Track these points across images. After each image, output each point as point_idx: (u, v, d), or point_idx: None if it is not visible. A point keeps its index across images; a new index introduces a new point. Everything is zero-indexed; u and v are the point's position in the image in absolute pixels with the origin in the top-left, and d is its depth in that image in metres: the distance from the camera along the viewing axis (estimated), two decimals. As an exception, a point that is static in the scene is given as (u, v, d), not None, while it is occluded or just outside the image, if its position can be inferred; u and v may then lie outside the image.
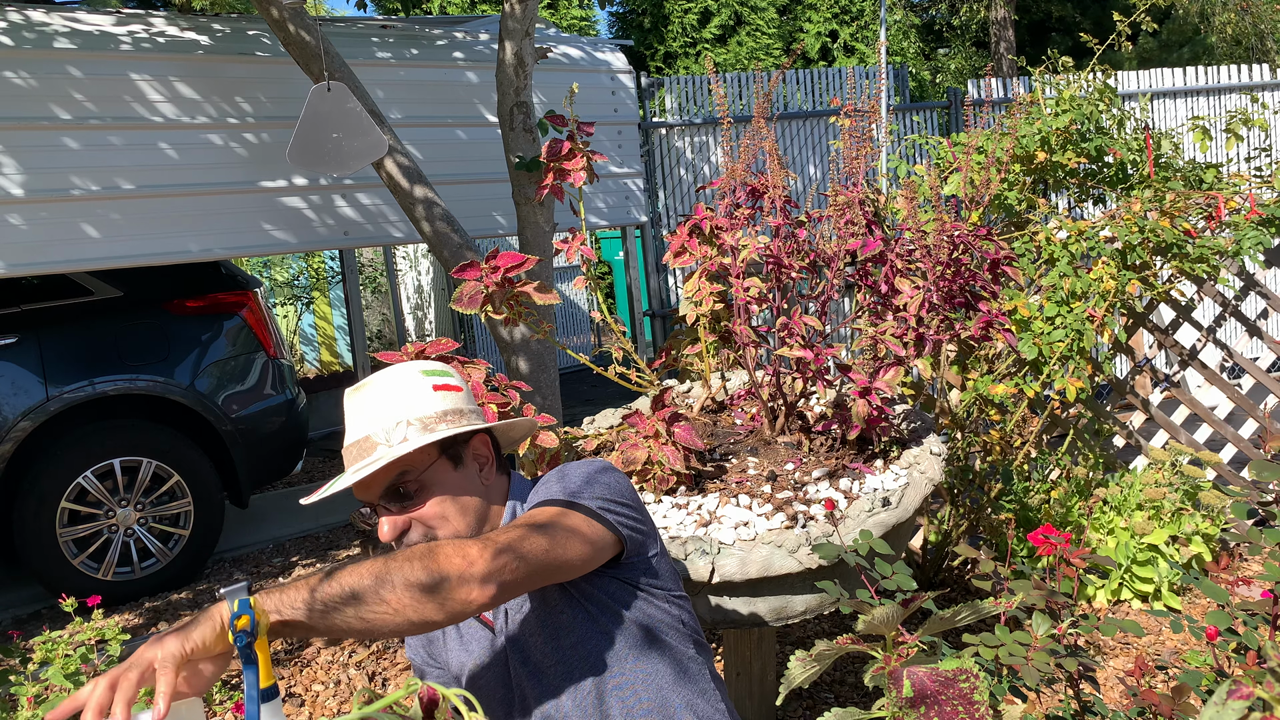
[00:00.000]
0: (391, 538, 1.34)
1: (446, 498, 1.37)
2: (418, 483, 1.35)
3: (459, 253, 3.17)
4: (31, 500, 3.85)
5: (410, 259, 9.60)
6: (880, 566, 1.55)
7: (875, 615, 0.93)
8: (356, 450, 1.34)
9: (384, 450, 1.32)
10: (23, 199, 3.43)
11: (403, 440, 1.33)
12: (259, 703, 1.00)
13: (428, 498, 1.35)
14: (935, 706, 0.83)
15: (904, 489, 1.98)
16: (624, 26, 12.25)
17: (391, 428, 1.34)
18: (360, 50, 4.12)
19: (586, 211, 3.86)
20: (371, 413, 1.36)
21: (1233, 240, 3.34)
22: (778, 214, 2.18)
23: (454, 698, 0.74)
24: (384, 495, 1.35)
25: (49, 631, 2.35)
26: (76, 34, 3.58)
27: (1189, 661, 1.89)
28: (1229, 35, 11.61)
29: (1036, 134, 3.75)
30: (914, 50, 13.69)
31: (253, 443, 4.34)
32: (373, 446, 1.33)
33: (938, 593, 1.39)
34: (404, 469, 1.34)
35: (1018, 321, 3.26)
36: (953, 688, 0.85)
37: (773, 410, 2.23)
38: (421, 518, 1.35)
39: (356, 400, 1.38)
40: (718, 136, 6.31)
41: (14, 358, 3.83)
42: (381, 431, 1.34)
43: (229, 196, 3.82)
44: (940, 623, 0.99)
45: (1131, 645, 3.01)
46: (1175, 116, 6.79)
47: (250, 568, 4.43)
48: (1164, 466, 3.37)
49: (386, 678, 3.21)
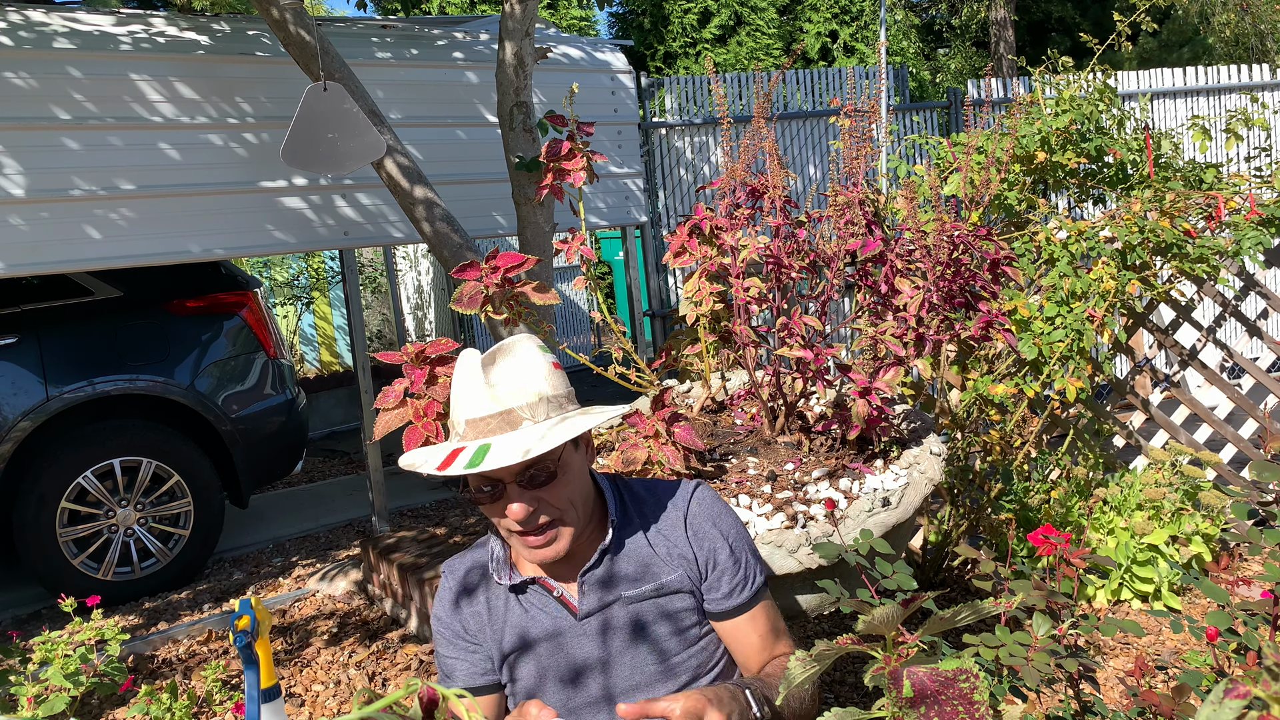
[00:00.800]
0: (522, 517, 1.33)
1: (574, 484, 1.38)
2: (556, 466, 1.35)
3: (459, 253, 3.16)
4: (31, 500, 3.85)
5: (410, 259, 9.60)
6: (881, 566, 1.55)
7: (875, 615, 0.93)
8: (497, 423, 1.32)
9: (531, 427, 1.31)
10: (23, 199, 3.43)
11: (547, 418, 1.33)
12: (259, 703, 1.00)
13: (560, 483, 1.36)
14: (935, 706, 0.83)
15: (904, 489, 1.98)
16: (624, 26, 12.24)
17: (535, 403, 1.33)
18: (360, 50, 4.12)
19: (586, 211, 3.86)
20: (512, 386, 1.34)
21: (1233, 240, 3.34)
22: (778, 214, 2.18)
23: (454, 698, 0.74)
24: (519, 474, 1.33)
25: (49, 631, 2.35)
26: (76, 34, 3.58)
27: (1189, 662, 1.88)
28: (1229, 35, 11.60)
29: (1036, 134, 3.75)
30: (914, 50, 13.68)
31: (253, 443, 4.34)
32: (518, 421, 1.32)
33: (938, 593, 1.39)
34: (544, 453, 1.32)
35: (1018, 321, 3.26)
36: (953, 688, 0.85)
37: (773, 410, 2.23)
38: (553, 502, 1.35)
39: (494, 372, 1.35)
40: (718, 136, 6.31)
41: (14, 358, 3.84)
42: (526, 408, 1.32)
43: (229, 196, 3.82)
44: (940, 623, 0.99)
45: (1131, 645, 3.01)
46: (1175, 116, 6.79)
47: (250, 568, 4.43)
48: (1164, 466, 3.37)
49: (386, 678, 3.21)
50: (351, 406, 7.68)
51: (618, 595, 1.44)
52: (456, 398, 1.37)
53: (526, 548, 1.38)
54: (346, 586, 4.00)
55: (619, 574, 1.45)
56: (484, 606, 1.49)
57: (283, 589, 4.12)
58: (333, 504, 5.41)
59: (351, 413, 7.67)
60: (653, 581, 1.45)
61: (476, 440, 1.32)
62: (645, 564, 1.46)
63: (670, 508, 1.50)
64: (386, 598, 3.75)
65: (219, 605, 3.96)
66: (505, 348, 1.39)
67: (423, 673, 3.20)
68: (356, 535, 4.75)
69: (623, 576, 1.45)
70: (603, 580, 1.45)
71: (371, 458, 4.50)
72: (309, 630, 3.65)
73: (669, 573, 1.46)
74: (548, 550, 1.37)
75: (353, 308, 4.51)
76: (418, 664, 3.27)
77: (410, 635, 3.52)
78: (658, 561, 1.46)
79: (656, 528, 1.48)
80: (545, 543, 1.37)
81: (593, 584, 1.44)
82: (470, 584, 1.50)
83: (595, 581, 1.44)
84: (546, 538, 1.36)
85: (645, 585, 1.45)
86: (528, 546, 1.38)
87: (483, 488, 1.35)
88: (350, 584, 4.00)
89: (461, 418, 1.35)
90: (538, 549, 1.37)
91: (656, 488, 1.54)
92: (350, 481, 5.92)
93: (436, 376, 1.85)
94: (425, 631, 3.47)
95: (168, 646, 3.60)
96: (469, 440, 1.33)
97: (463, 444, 1.33)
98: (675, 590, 1.45)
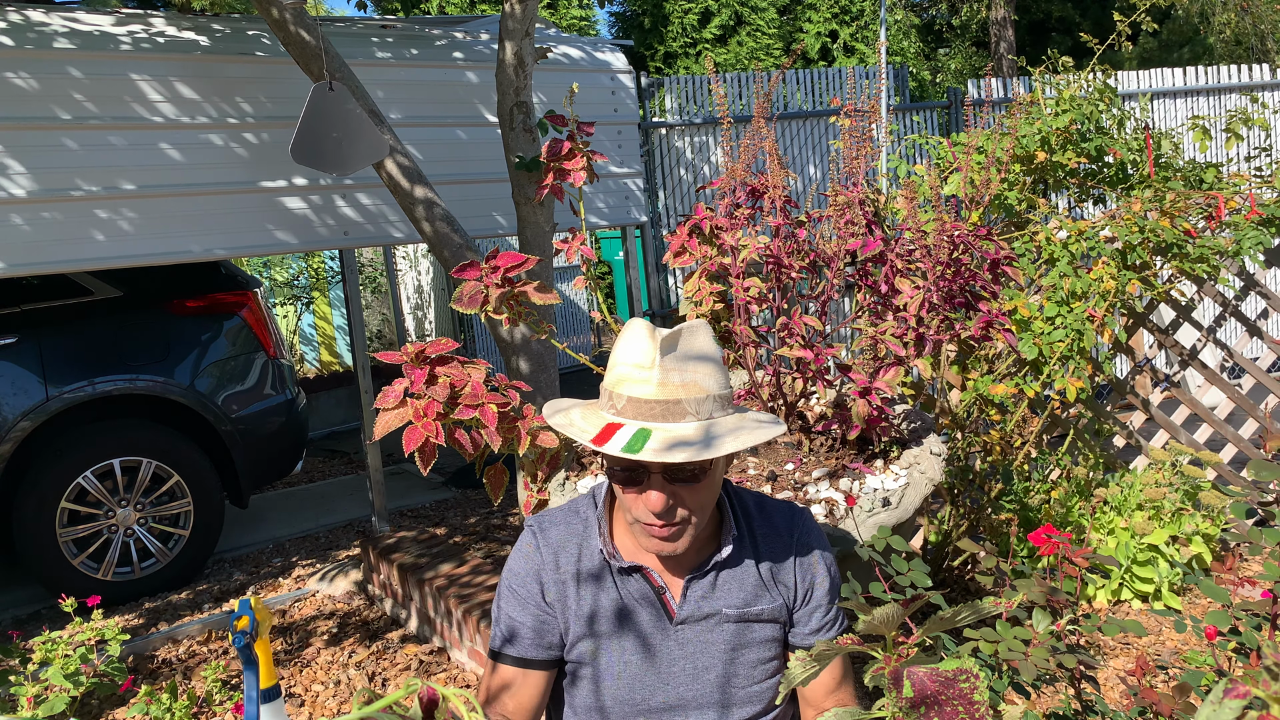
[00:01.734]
0: (660, 509, 1.30)
1: (713, 488, 1.36)
2: (702, 470, 1.32)
3: (459, 253, 3.16)
4: (31, 500, 3.85)
5: (410, 259, 9.59)
6: (896, 563, 1.56)
7: (875, 615, 0.93)
8: (662, 410, 1.28)
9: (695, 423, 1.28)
10: (23, 199, 3.43)
11: (709, 417, 1.29)
12: (259, 703, 1.00)
13: (704, 484, 1.33)
14: (935, 707, 0.83)
15: (904, 489, 1.98)
16: (624, 26, 12.24)
17: (703, 400, 1.30)
18: (360, 50, 4.12)
19: (586, 211, 3.85)
20: (686, 376, 1.29)
21: (1233, 240, 3.34)
22: (778, 214, 2.18)
23: (454, 698, 0.74)
24: (668, 467, 1.29)
25: (49, 631, 2.35)
26: (76, 34, 3.58)
27: (1189, 661, 1.89)
28: (1229, 35, 11.61)
29: (1036, 134, 3.75)
30: (914, 50, 13.68)
31: (253, 443, 4.34)
32: (683, 413, 1.28)
33: (939, 592, 1.40)
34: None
35: (1018, 321, 3.26)
36: (953, 688, 0.85)
37: (773, 410, 2.23)
38: (690, 501, 1.32)
39: (671, 357, 1.31)
40: (718, 136, 6.31)
41: (14, 358, 3.84)
42: (693, 402, 1.29)
43: (229, 196, 3.82)
44: (940, 622, 0.99)
45: (1132, 645, 3.01)
46: (1175, 116, 6.79)
47: (250, 568, 4.43)
48: (1164, 466, 3.37)
49: (386, 678, 3.21)
50: (351, 406, 7.68)
51: (717, 610, 1.42)
52: (624, 369, 1.31)
53: (648, 535, 1.34)
54: (346, 587, 4.00)
55: (721, 588, 1.43)
56: (571, 578, 1.43)
57: (283, 589, 4.12)
58: (333, 504, 5.41)
59: (351, 413, 7.67)
60: (752, 605, 1.43)
61: (637, 422, 1.28)
62: (748, 584, 1.44)
63: (779, 532, 1.48)
64: (386, 598, 3.75)
65: (219, 605, 3.96)
66: (687, 331, 1.35)
67: (422, 673, 3.20)
68: (356, 535, 4.75)
69: (724, 592, 1.43)
70: (706, 590, 1.42)
71: (371, 458, 4.50)
72: (309, 630, 3.65)
73: (768, 600, 1.44)
74: (670, 544, 1.34)
75: (353, 308, 4.51)
76: (418, 664, 3.27)
77: (410, 635, 3.52)
78: (760, 585, 1.44)
79: (765, 549, 1.46)
80: (671, 535, 1.33)
81: (696, 591, 1.42)
82: (560, 550, 1.45)
83: (699, 589, 1.42)
84: (674, 530, 1.33)
85: (744, 607, 1.43)
86: (650, 535, 1.34)
87: (626, 469, 1.31)
88: (350, 584, 4.00)
89: (625, 393, 1.30)
90: (661, 540, 1.34)
91: (765, 505, 1.51)
92: (350, 481, 5.92)
93: (436, 376, 1.85)
94: (425, 632, 3.47)
95: (168, 646, 3.60)
96: (628, 418, 1.29)
97: (621, 420, 1.29)
98: (770, 619, 1.44)
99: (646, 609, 1.42)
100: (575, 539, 1.45)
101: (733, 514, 1.45)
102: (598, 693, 1.44)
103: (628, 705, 1.43)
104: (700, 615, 1.42)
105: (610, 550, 1.42)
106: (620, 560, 1.41)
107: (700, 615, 1.42)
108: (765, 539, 1.47)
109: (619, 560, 1.41)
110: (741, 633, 1.43)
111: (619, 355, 1.33)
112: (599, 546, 1.43)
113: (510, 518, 4.16)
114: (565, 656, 1.45)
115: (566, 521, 1.47)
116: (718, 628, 1.42)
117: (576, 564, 1.44)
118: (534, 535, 1.47)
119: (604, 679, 1.43)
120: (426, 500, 5.21)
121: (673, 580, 1.43)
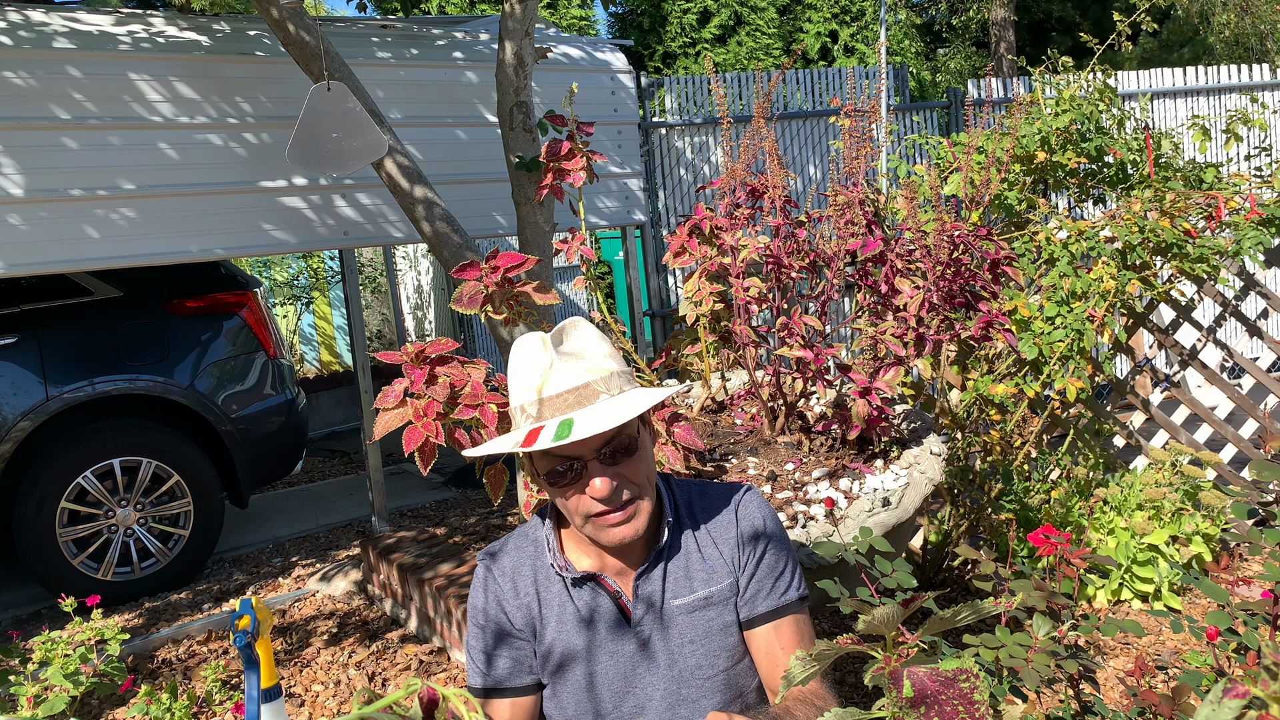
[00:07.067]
0: (606, 492, 1.31)
1: (648, 461, 1.38)
2: (634, 440, 1.34)
3: (459, 253, 3.16)
4: (31, 500, 3.85)
5: (410, 259, 9.59)
6: (881, 564, 1.55)
7: (875, 615, 0.93)
8: (574, 398, 1.31)
9: (608, 400, 1.31)
10: (23, 199, 3.43)
11: (620, 391, 1.32)
12: (259, 703, 1.00)
13: (638, 455, 1.35)
14: (935, 707, 0.83)
15: (904, 489, 1.98)
16: (624, 26, 12.24)
17: (609, 377, 1.32)
18: (360, 50, 4.12)
19: (586, 211, 3.85)
20: (586, 362, 1.33)
21: (1233, 240, 3.34)
22: (778, 214, 2.18)
23: (454, 698, 0.73)
24: (600, 449, 1.31)
25: (49, 631, 2.35)
26: (76, 34, 3.58)
27: (1189, 662, 1.88)
28: (1229, 35, 11.60)
29: (1036, 134, 3.75)
30: (914, 50, 13.68)
31: (252, 443, 4.34)
32: (595, 395, 1.31)
33: (938, 593, 1.40)
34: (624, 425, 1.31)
35: (1018, 321, 3.26)
36: (953, 688, 0.85)
37: (773, 410, 2.23)
38: (632, 477, 1.34)
39: (565, 350, 1.35)
40: (718, 136, 6.31)
41: (14, 358, 3.84)
42: (601, 381, 1.32)
43: (229, 196, 3.82)
44: (940, 623, 0.99)
45: (1132, 645, 3.01)
46: (1175, 116, 6.79)
47: (250, 568, 4.43)
48: (1164, 466, 3.37)
49: (386, 678, 3.21)
50: (351, 406, 7.68)
51: (669, 604, 1.42)
52: (526, 378, 1.34)
53: (604, 529, 1.35)
54: (346, 587, 4.00)
55: (670, 579, 1.43)
56: (534, 599, 1.44)
57: (283, 589, 4.12)
58: (333, 504, 5.41)
59: (351, 413, 7.67)
60: (702, 590, 1.43)
61: (556, 417, 1.30)
62: (695, 569, 1.44)
63: (720, 509, 1.48)
64: (386, 598, 3.75)
65: (219, 605, 3.96)
66: (568, 327, 1.39)
67: (422, 673, 3.20)
68: (356, 535, 4.75)
69: (673, 582, 1.43)
70: (655, 585, 1.43)
71: (371, 458, 4.50)
72: (309, 630, 3.65)
73: (718, 581, 1.44)
74: (627, 528, 1.35)
75: (352, 308, 4.51)
76: (417, 664, 3.27)
77: (410, 635, 3.52)
78: (708, 568, 1.44)
79: (708, 530, 1.46)
80: (626, 519, 1.34)
81: (646, 588, 1.42)
82: (516, 575, 1.46)
83: (648, 586, 1.42)
84: (627, 513, 1.34)
85: (696, 594, 1.43)
86: (606, 527, 1.34)
87: (561, 468, 1.32)
88: (350, 584, 4.00)
89: (535, 397, 1.33)
90: (618, 527, 1.34)
91: (708, 489, 1.51)
92: (350, 481, 5.92)
93: (436, 376, 1.85)
94: (425, 632, 3.47)
95: (168, 646, 3.60)
96: (546, 419, 1.31)
97: (540, 423, 1.31)
98: (722, 601, 1.44)
99: (605, 616, 1.43)
100: (529, 562, 1.47)
101: (670, 502, 1.46)
102: (570, 706, 1.44)
103: (598, 716, 1.44)
104: (654, 613, 1.42)
105: (561, 563, 1.43)
106: (573, 571, 1.42)
107: (654, 613, 1.42)
108: (706, 517, 1.47)
109: (571, 572, 1.42)
110: (697, 623, 1.43)
111: (518, 370, 1.36)
112: (551, 563, 1.44)
113: (510, 518, 4.16)
114: (543, 679, 1.46)
115: (518, 547, 1.49)
116: (673, 622, 1.42)
117: (534, 586, 1.45)
118: (487, 568, 1.48)
119: (575, 692, 1.44)
120: (426, 500, 5.21)
121: (626, 584, 1.44)
